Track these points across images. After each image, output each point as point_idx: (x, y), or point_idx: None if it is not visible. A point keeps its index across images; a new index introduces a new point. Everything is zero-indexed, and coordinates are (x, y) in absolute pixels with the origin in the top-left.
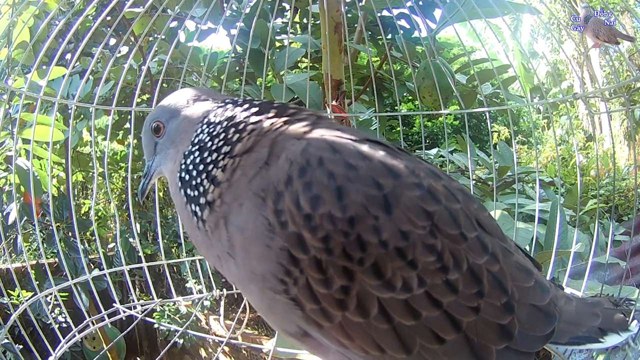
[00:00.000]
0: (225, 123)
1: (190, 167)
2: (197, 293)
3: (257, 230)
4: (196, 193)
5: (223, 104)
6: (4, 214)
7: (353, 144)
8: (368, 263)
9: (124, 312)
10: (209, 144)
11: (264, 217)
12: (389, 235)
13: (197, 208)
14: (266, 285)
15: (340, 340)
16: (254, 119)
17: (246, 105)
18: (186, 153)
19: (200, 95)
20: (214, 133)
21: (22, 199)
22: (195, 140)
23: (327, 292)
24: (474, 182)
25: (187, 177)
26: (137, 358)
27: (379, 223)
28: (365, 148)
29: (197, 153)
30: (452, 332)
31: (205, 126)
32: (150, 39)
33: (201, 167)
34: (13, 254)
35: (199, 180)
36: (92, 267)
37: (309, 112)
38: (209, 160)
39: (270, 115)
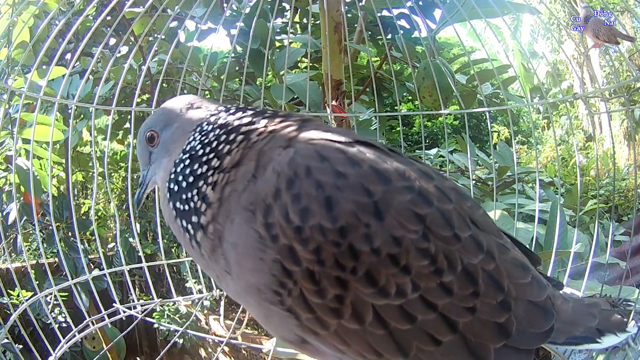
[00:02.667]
0: (218, 131)
1: (180, 177)
2: (197, 293)
3: (248, 244)
4: (186, 208)
5: (216, 113)
6: (4, 213)
7: (342, 148)
8: (361, 272)
9: (124, 312)
10: (200, 152)
11: (254, 230)
12: (381, 243)
13: (190, 226)
14: (262, 297)
15: (337, 346)
16: (244, 129)
17: (239, 114)
18: (177, 161)
19: (194, 104)
20: (206, 141)
21: (22, 198)
22: (187, 148)
23: (321, 302)
24: (474, 182)
25: (175, 188)
26: (137, 358)
27: (371, 231)
28: (354, 152)
29: (187, 162)
30: (449, 333)
31: (197, 134)
32: (150, 39)
33: (191, 179)
34: (13, 254)
35: (189, 195)
36: (92, 267)
37: (297, 117)
38: (199, 172)
39: (260, 125)
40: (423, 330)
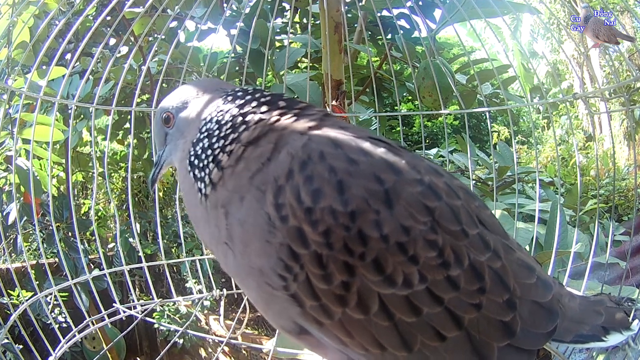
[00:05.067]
0: (236, 110)
1: (199, 151)
2: (197, 293)
3: (257, 225)
4: (203, 174)
5: (233, 93)
6: (4, 214)
7: (355, 140)
8: (369, 258)
9: (124, 312)
10: (217, 131)
11: (264, 211)
12: (390, 230)
13: (202, 185)
14: (264, 280)
15: (340, 338)
16: (263, 108)
17: (257, 95)
18: (194, 141)
19: (210, 87)
20: (223, 121)
21: (22, 199)
22: (204, 129)
23: (327, 288)
24: (474, 182)
25: (196, 161)
26: (137, 358)
27: (380, 217)
28: (367, 144)
29: (205, 140)
30: (454, 329)
31: (214, 113)
32: (150, 39)
33: (209, 151)
34: (13, 254)
35: (206, 162)
36: (92, 267)
37: (318, 109)
38: (216, 146)
39: (279, 107)
40: (428, 324)
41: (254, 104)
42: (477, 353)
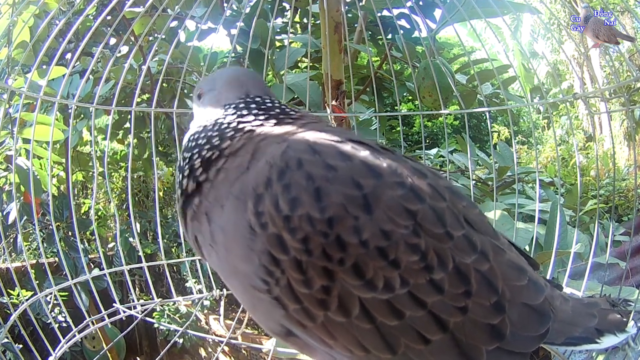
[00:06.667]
0: (235, 116)
1: (186, 141)
2: (197, 293)
3: (238, 232)
4: (183, 174)
5: (250, 100)
6: (4, 213)
7: (334, 144)
8: (348, 263)
9: (124, 312)
10: (210, 127)
11: (244, 219)
12: (369, 235)
13: (180, 192)
14: (248, 282)
15: (324, 340)
16: (256, 122)
17: (262, 110)
18: (193, 133)
19: (242, 79)
20: (220, 121)
21: (22, 198)
22: (203, 121)
23: (308, 292)
24: (474, 182)
25: (185, 145)
26: (137, 358)
27: (359, 223)
28: (347, 148)
29: (202, 134)
30: (438, 332)
31: (223, 112)
32: (150, 38)
33: (196, 150)
34: (13, 254)
35: (187, 160)
36: (92, 266)
37: (297, 115)
38: (199, 142)
39: (270, 123)
40: (411, 327)
41: (251, 117)
42: (465, 356)
